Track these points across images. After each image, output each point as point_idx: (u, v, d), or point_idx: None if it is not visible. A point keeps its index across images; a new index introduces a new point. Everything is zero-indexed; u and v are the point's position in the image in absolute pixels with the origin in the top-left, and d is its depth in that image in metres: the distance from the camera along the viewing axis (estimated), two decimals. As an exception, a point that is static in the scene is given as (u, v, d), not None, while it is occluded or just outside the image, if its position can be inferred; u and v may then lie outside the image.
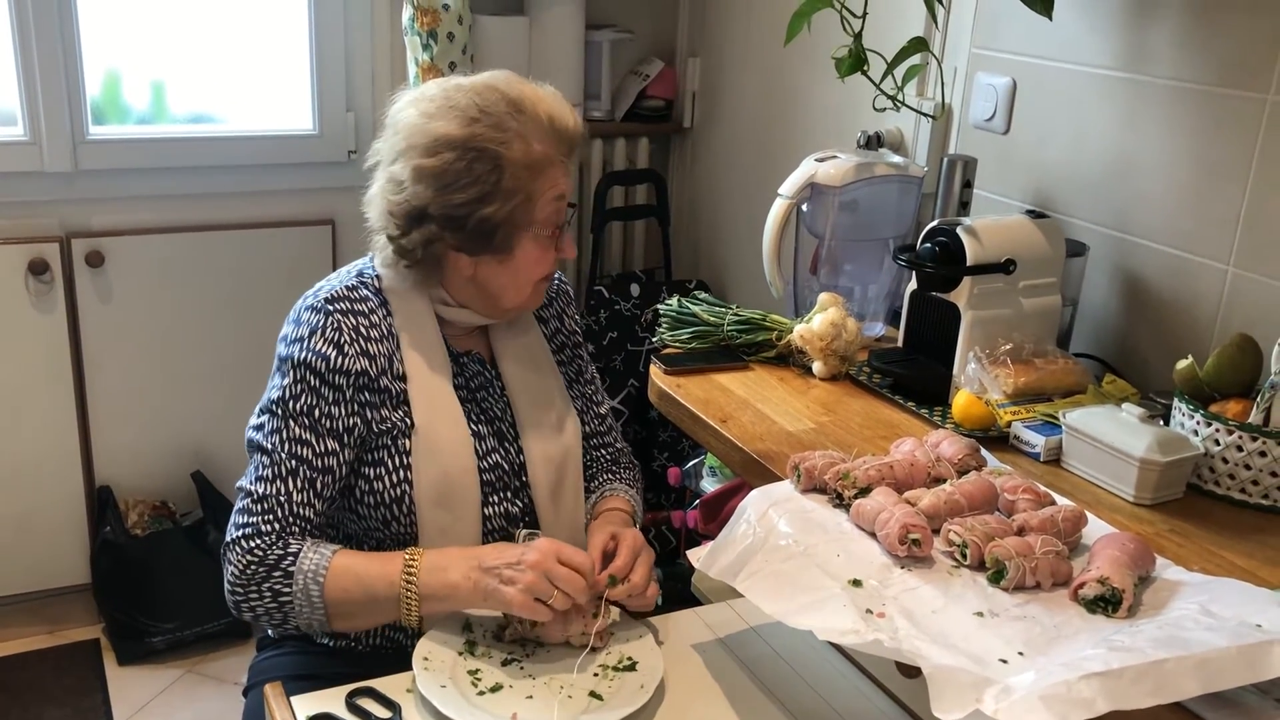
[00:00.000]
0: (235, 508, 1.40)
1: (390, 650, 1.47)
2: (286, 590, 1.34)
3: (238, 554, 1.36)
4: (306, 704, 1.24)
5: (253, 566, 1.35)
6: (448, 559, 1.34)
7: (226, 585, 1.37)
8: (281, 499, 1.37)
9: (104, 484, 2.71)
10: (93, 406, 2.65)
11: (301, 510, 1.38)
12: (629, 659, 1.31)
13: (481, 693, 1.25)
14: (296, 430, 1.38)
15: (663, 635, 1.38)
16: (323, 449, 1.39)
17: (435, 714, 1.21)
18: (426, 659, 1.28)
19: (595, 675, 1.29)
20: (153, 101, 2.68)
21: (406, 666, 1.30)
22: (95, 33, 2.52)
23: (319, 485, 1.39)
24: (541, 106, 1.43)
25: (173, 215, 2.67)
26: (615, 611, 1.38)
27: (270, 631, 1.48)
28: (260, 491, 1.38)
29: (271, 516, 1.36)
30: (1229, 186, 1.62)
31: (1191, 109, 1.66)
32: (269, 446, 1.39)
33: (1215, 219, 1.64)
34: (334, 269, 1.56)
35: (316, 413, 1.39)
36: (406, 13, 2.53)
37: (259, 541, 1.35)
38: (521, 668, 1.30)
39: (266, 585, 1.34)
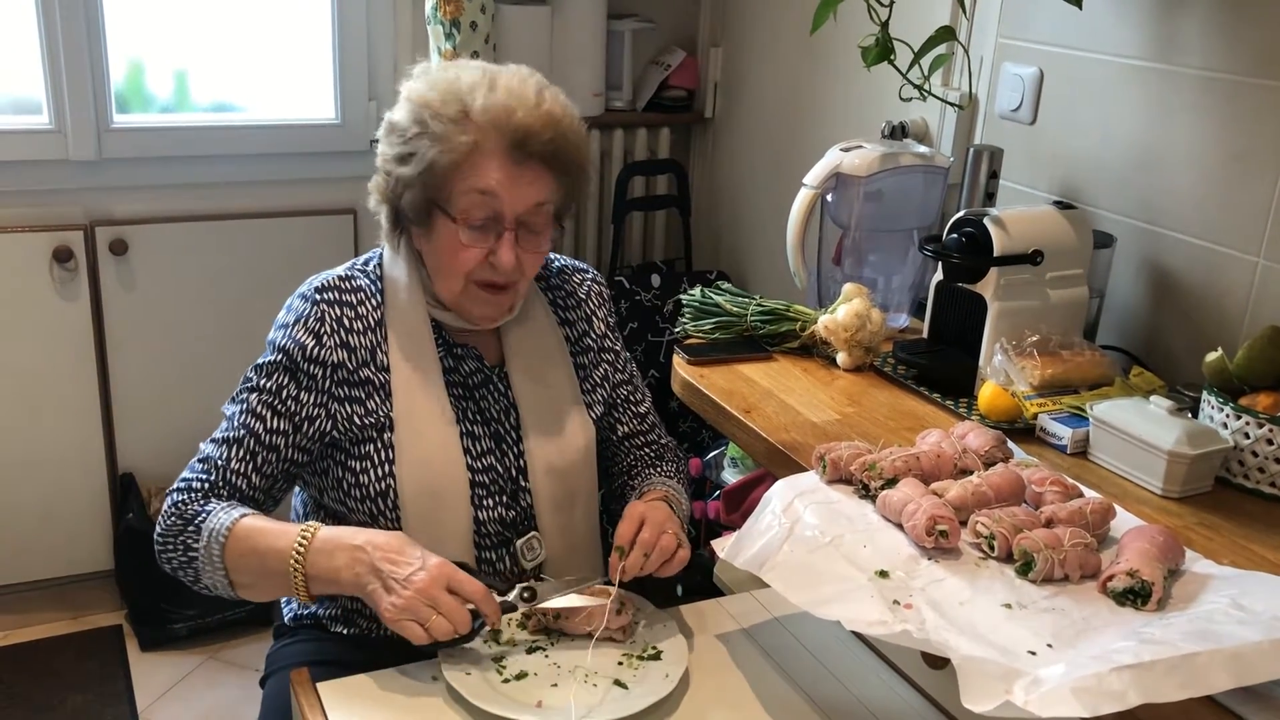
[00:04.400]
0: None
1: (402, 641, 1.47)
2: (195, 546, 1.34)
3: (167, 505, 1.39)
4: (332, 690, 1.25)
5: (172, 518, 1.37)
6: (337, 543, 1.28)
7: (154, 535, 1.39)
8: (219, 462, 1.40)
9: (127, 471, 2.72)
10: (116, 394, 2.67)
11: (233, 478, 1.39)
12: (654, 648, 1.31)
13: (506, 680, 1.25)
14: (256, 404, 1.41)
15: (686, 625, 1.38)
16: (274, 426, 1.40)
17: (461, 701, 1.21)
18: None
19: (620, 664, 1.29)
20: (176, 90, 2.69)
21: (421, 655, 1.30)
22: (119, 22, 2.52)
23: (259, 460, 1.40)
24: (502, 97, 1.37)
25: (196, 204, 2.68)
26: (639, 603, 1.38)
27: (193, 586, 1.41)
28: (206, 452, 1.42)
29: (205, 477, 1.39)
30: (1259, 177, 1.60)
31: (1221, 99, 1.65)
32: (229, 413, 1.43)
33: (1245, 210, 1.63)
34: (355, 258, 1.56)
35: (284, 394, 1.41)
36: (430, 2, 2.53)
37: (185, 496, 1.38)
38: (546, 655, 1.30)
39: (181, 539, 1.35)
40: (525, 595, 1.32)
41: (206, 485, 1.39)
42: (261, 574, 1.32)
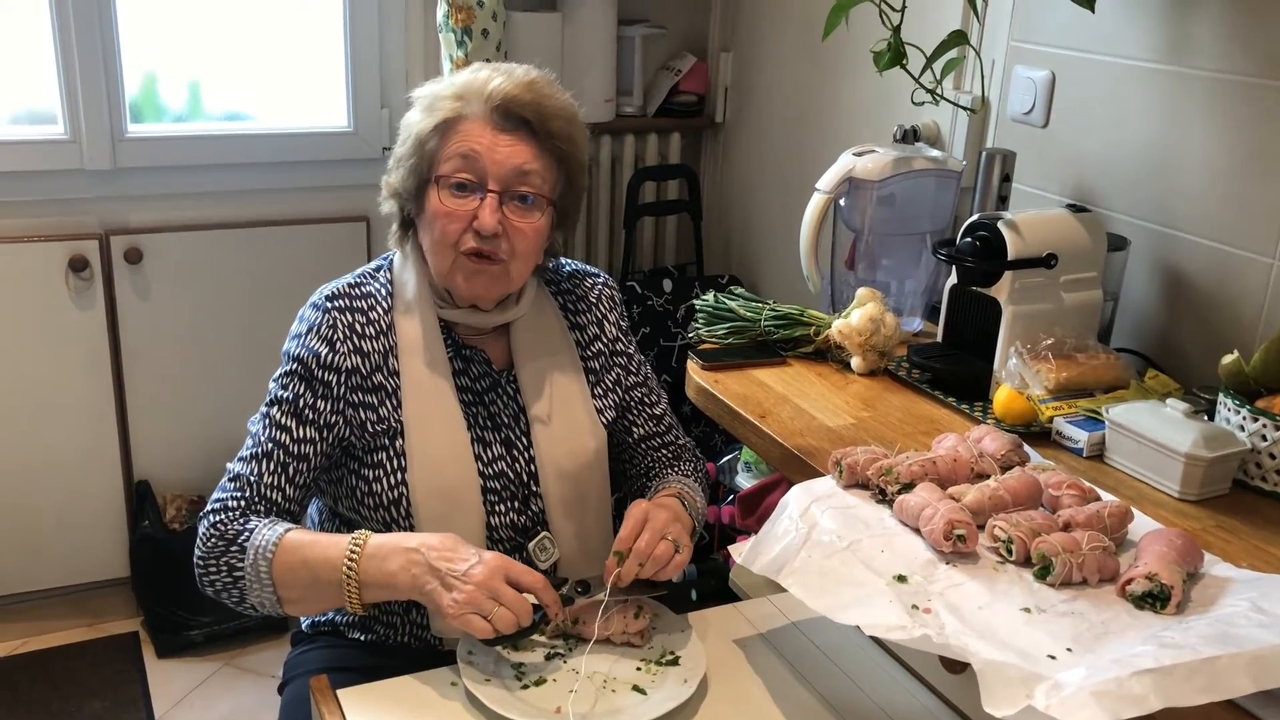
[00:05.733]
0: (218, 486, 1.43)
1: (418, 647, 1.48)
2: (240, 566, 1.34)
3: (204, 527, 1.38)
4: (351, 697, 1.25)
5: (213, 540, 1.36)
6: (391, 548, 1.30)
7: (194, 559, 1.38)
8: (252, 479, 1.39)
9: (142, 478, 2.73)
10: (131, 402, 2.68)
11: (269, 492, 1.39)
12: (671, 654, 1.31)
13: (526, 686, 1.25)
14: (279, 416, 1.41)
15: (703, 630, 1.38)
16: (301, 435, 1.41)
17: (480, 707, 1.21)
18: (471, 653, 1.29)
19: (638, 670, 1.29)
20: (189, 100, 2.70)
21: (440, 661, 1.31)
22: (133, 33, 2.54)
23: (291, 471, 1.40)
24: (487, 73, 1.43)
25: (210, 212, 2.69)
26: (656, 609, 1.38)
27: (236, 607, 1.41)
28: (236, 470, 1.41)
29: (240, 495, 1.39)
30: (1273, 179, 1.60)
31: (1235, 101, 1.65)
32: (254, 430, 1.43)
33: (1260, 212, 1.62)
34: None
35: (301, 403, 1.41)
36: (441, 9, 2.54)
37: (223, 516, 1.37)
38: (565, 661, 1.30)
39: (224, 560, 1.35)
40: (579, 589, 1.34)
41: (243, 503, 1.38)
42: (312, 586, 1.32)
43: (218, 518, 1.37)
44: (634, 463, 1.63)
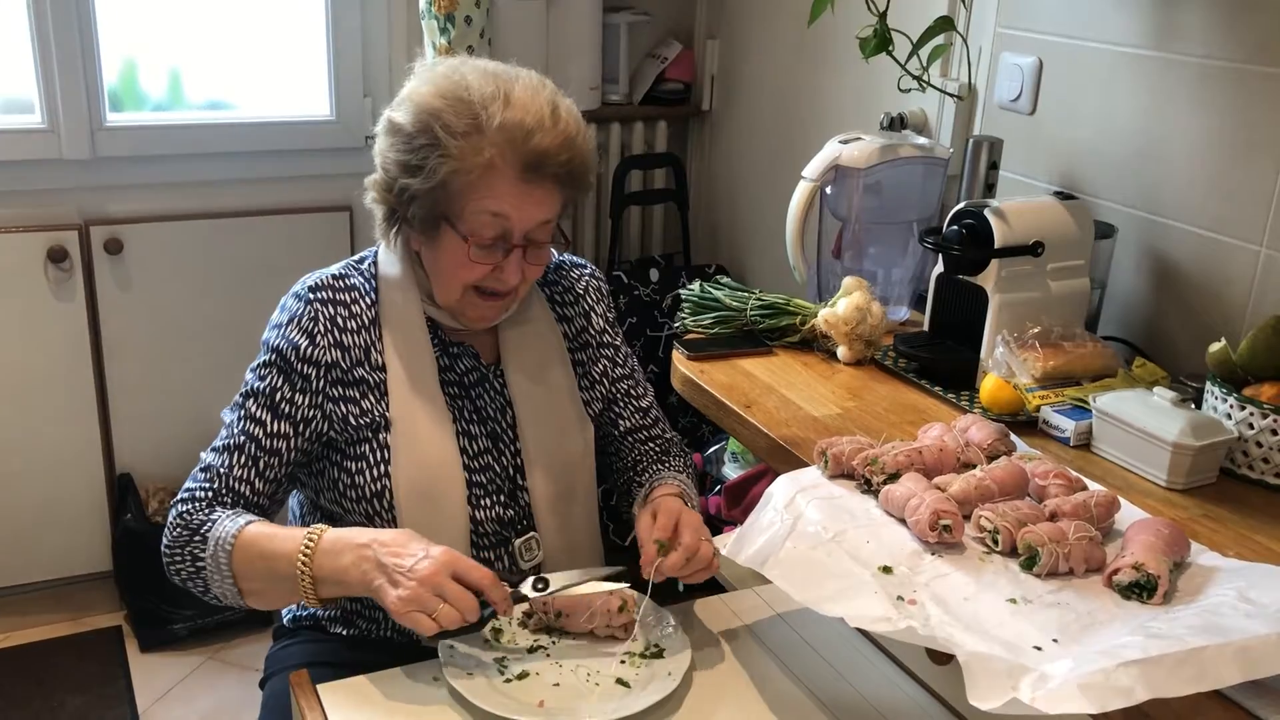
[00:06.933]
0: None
1: (401, 641, 1.46)
2: (203, 556, 1.33)
3: (171, 516, 1.37)
4: (332, 692, 1.24)
5: (178, 529, 1.35)
6: (345, 543, 1.27)
7: (161, 547, 1.37)
8: (222, 470, 1.38)
9: (125, 471, 2.71)
10: (113, 394, 2.66)
11: (237, 485, 1.38)
12: (656, 646, 1.30)
13: (508, 680, 1.24)
14: (254, 408, 1.40)
15: (688, 622, 1.37)
16: (274, 430, 1.39)
17: (462, 701, 1.20)
18: (453, 647, 1.27)
19: (622, 663, 1.28)
20: (169, 89, 2.67)
21: (422, 656, 1.29)
22: (112, 20, 2.51)
23: (262, 465, 1.39)
24: (518, 114, 1.33)
25: (191, 202, 2.67)
26: (641, 601, 1.37)
27: (203, 596, 1.39)
28: (208, 460, 1.40)
29: (209, 486, 1.38)
30: (1262, 166, 1.59)
31: (1222, 87, 1.64)
32: (228, 420, 1.42)
33: (1248, 199, 1.62)
34: (351, 255, 1.55)
35: (278, 396, 1.40)
36: (424, -3, 2.52)
37: (190, 506, 1.36)
38: (548, 655, 1.29)
39: (188, 549, 1.34)
40: (538, 586, 1.31)
41: (210, 494, 1.37)
42: (270, 579, 1.31)
43: (185, 507, 1.37)
44: (621, 456, 1.62)
